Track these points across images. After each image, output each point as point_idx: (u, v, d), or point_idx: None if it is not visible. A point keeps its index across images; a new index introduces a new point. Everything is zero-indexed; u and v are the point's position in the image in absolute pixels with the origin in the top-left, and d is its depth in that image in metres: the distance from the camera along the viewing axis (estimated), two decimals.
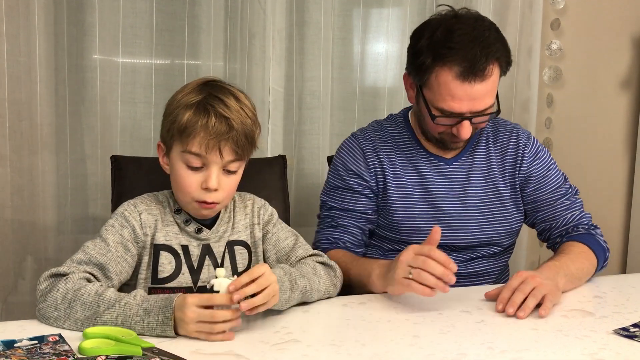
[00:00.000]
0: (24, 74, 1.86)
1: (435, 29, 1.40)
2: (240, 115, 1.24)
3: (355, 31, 2.31)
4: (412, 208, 1.53)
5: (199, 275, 1.31)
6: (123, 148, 2.02)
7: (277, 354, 1.06)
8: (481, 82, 1.37)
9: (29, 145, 1.90)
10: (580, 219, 1.55)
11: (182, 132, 1.22)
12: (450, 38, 1.37)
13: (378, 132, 1.58)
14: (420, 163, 1.54)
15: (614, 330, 1.19)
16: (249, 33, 2.07)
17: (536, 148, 1.59)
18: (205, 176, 1.24)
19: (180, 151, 1.24)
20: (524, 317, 1.24)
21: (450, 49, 1.36)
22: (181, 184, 1.26)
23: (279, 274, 1.20)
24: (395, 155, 1.54)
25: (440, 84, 1.38)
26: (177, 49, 2.08)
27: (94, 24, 1.95)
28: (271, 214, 1.42)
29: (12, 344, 1.00)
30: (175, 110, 1.25)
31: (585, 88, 2.64)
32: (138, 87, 2.05)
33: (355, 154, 1.55)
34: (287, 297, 1.21)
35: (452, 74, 1.36)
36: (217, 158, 1.23)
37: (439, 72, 1.38)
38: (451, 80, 1.37)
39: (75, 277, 1.14)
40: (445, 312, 1.28)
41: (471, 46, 1.35)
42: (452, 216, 1.53)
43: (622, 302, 1.38)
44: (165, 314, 1.07)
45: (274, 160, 1.74)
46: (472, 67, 1.35)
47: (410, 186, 1.53)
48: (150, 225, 1.29)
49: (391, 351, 1.08)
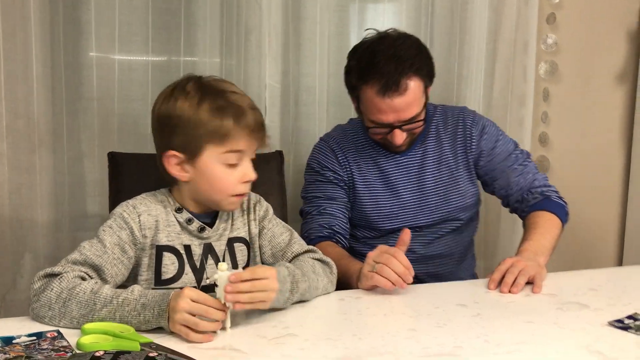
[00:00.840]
0: (21, 72, 1.86)
1: (361, 51, 1.59)
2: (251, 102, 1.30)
3: (352, 26, 2.31)
4: (377, 199, 1.69)
5: (202, 274, 1.31)
6: (120, 145, 2.02)
7: (275, 348, 1.07)
8: (399, 96, 1.52)
9: (26, 143, 1.89)
10: (533, 182, 1.70)
11: (223, 136, 1.24)
12: (371, 59, 1.54)
13: (342, 135, 1.75)
14: (378, 159, 1.70)
15: (608, 322, 1.20)
16: (245, 29, 2.07)
17: (482, 125, 1.73)
18: (242, 170, 1.27)
19: (219, 153, 1.25)
20: (517, 293, 1.37)
21: (370, 69, 1.53)
22: (220, 184, 1.27)
23: (283, 273, 1.21)
24: (357, 155, 1.70)
25: (367, 100, 1.56)
26: (174, 46, 2.08)
27: (90, 21, 1.95)
28: (266, 210, 1.42)
29: (10, 340, 1.00)
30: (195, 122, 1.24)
31: (581, 82, 2.65)
32: (135, 85, 2.05)
33: (327, 153, 1.71)
34: (286, 298, 1.22)
35: (373, 91, 1.53)
36: (254, 148, 1.29)
37: (364, 89, 1.55)
38: (374, 97, 1.53)
39: (70, 275, 1.14)
40: (441, 306, 1.29)
41: (387, 64, 1.51)
42: (411, 201, 1.70)
43: (617, 294, 1.39)
44: (160, 306, 1.08)
45: (271, 156, 1.74)
46: (387, 83, 1.51)
47: (373, 181, 1.69)
48: (150, 227, 1.28)
49: (388, 344, 1.09)
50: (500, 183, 1.72)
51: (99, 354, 0.93)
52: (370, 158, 1.70)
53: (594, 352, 1.07)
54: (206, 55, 2.09)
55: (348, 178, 1.69)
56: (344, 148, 1.72)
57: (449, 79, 2.38)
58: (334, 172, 1.69)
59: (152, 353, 0.95)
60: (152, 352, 0.95)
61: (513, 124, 2.47)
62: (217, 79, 1.32)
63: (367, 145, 1.71)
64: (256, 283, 1.12)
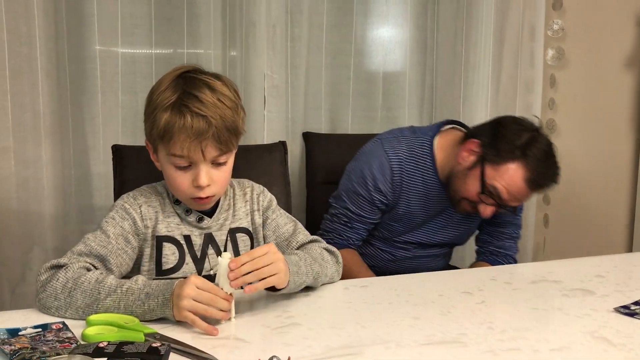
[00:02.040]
0: (25, 65, 1.87)
1: (536, 143, 1.60)
2: (217, 109, 1.20)
3: (353, 16, 2.29)
4: (411, 221, 1.77)
5: (202, 264, 1.31)
6: (125, 138, 2.03)
7: (279, 337, 1.07)
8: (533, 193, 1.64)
9: (32, 137, 1.91)
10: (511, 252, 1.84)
11: (162, 136, 1.20)
12: (544, 156, 1.60)
13: (407, 155, 1.72)
14: (429, 187, 1.72)
15: (614, 308, 1.20)
16: (247, 21, 2.07)
17: None
18: (194, 174, 1.22)
19: (165, 154, 1.23)
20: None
21: (538, 162, 1.58)
22: (173, 184, 1.26)
23: (294, 260, 1.21)
24: (412, 179, 1.72)
25: (510, 177, 1.57)
26: (177, 38, 2.08)
27: (93, 14, 1.96)
28: (270, 200, 1.41)
29: (16, 332, 1.01)
30: (154, 112, 1.22)
31: (589, 68, 2.62)
32: (138, 77, 2.05)
33: (385, 174, 1.70)
34: (302, 281, 1.22)
35: (524, 176, 1.57)
36: (201, 157, 1.21)
37: (517, 167, 1.57)
38: (521, 182, 1.57)
39: (75, 266, 1.15)
40: (446, 294, 1.29)
41: (553, 169, 1.62)
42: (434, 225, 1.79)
43: (623, 280, 1.38)
44: (164, 295, 1.08)
45: (275, 147, 1.74)
46: (538, 183, 1.60)
47: (415, 205, 1.74)
48: (151, 218, 1.29)
49: (392, 332, 1.09)
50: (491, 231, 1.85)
51: (102, 344, 0.93)
52: (422, 184, 1.72)
53: (599, 338, 1.07)
54: (210, 47, 2.09)
55: (393, 201, 1.73)
56: (403, 169, 1.71)
57: (455, 64, 2.37)
58: (384, 195, 1.71)
59: (155, 343, 0.95)
60: (155, 342, 0.96)
61: (520, 110, 2.45)
62: (210, 78, 1.24)
63: (427, 172, 1.72)
64: (257, 260, 1.10)
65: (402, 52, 2.37)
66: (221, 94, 1.22)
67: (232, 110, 1.23)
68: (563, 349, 1.03)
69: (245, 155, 1.68)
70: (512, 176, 1.56)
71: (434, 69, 2.41)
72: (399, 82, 2.38)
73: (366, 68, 2.35)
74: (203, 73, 1.26)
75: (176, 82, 1.22)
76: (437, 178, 1.71)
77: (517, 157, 1.56)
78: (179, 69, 1.26)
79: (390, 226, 1.78)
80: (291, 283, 1.18)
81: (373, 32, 2.36)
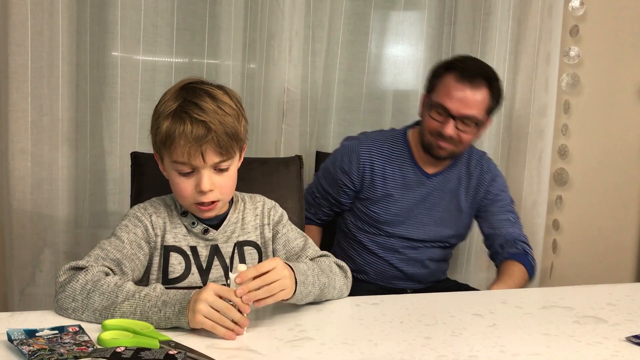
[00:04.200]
0: (47, 70, 1.90)
1: (453, 57, 1.90)
2: (217, 115, 1.22)
3: (369, 34, 2.32)
4: (390, 205, 1.88)
5: (207, 275, 1.33)
6: (142, 145, 2.04)
7: (291, 350, 1.07)
8: (471, 90, 1.73)
9: (49, 140, 1.93)
10: (519, 237, 1.90)
11: (164, 143, 1.23)
12: (462, 58, 1.85)
13: (379, 143, 1.90)
14: (407, 172, 1.89)
15: (626, 337, 1.20)
16: (267, 34, 2.09)
17: (494, 174, 1.95)
18: (197, 179, 1.25)
19: (169, 161, 1.26)
20: None
21: (458, 62, 1.79)
22: (178, 191, 1.28)
23: (302, 268, 1.22)
24: (387, 165, 1.88)
25: (443, 85, 1.76)
26: (197, 48, 2.10)
27: (116, 22, 1.98)
28: (281, 215, 1.43)
29: (34, 333, 1.02)
30: (157, 121, 1.25)
31: (603, 95, 2.63)
32: (157, 85, 2.08)
33: (352, 158, 1.87)
34: (308, 291, 1.23)
35: (452, 77, 1.75)
36: (202, 162, 1.23)
37: (445, 76, 1.77)
38: (451, 82, 1.74)
39: (95, 269, 1.16)
40: (457, 315, 1.29)
41: (473, 64, 1.80)
42: (418, 216, 1.90)
43: (635, 309, 1.38)
44: (181, 304, 1.09)
45: (290, 161, 1.75)
46: (466, 74, 1.74)
47: (392, 188, 1.87)
48: (160, 227, 1.32)
49: (404, 351, 1.09)
50: (492, 224, 1.93)
51: (120, 349, 0.94)
52: (399, 169, 1.88)
53: None
54: (229, 58, 2.11)
55: (360, 185, 1.88)
56: (373, 156, 1.87)
57: None
58: (347, 177, 1.87)
59: (172, 351, 0.96)
60: (172, 350, 0.97)
61: (533, 135, 2.46)
62: (213, 89, 1.27)
63: (401, 157, 1.89)
64: (265, 277, 1.12)
65: (415, 72, 2.40)
66: (222, 102, 1.25)
67: (232, 117, 1.25)
68: None
69: (262, 167, 1.70)
70: (444, 84, 1.75)
71: None
72: (410, 102, 2.40)
73: (378, 86, 2.37)
74: (206, 84, 1.29)
75: (179, 93, 1.26)
76: (414, 164, 1.88)
77: (442, 72, 1.78)
78: (183, 81, 1.29)
79: (372, 212, 1.88)
80: (297, 293, 1.19)
81: (387, 50, 2.38)
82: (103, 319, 1.10)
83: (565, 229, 2.66)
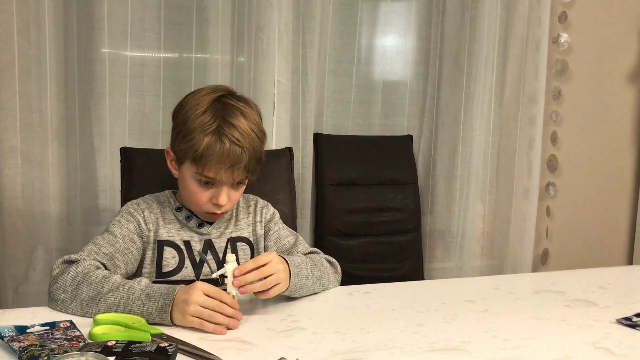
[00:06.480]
0: (34, 67, 1.88)
1: None
2: (251, 140, 1.28)
3: (358, 24, 2.32)
4: None
5: (201, 269, 1.35)
6: (132, 140, 2.04)
7: (284, 340, 1.08)
8: None
9: (39, 138, 1.92)
10: None
11: (198, 158, 1.26)
12: None
13: None
14: None
15: (616, 319, 1.20)
16: (256, 26, 2.08)
17: None
18: (215, 193, 1.29)
19: (193, 172, 1.28)
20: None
21: None
22: (192, 198, 1.31)
23: (296, 261, 1.25)
24: None
25: None
26: (185, 42, 2.09)
27: (103, 17, 1.97)
28: (273, 214, 1.46)
29: (24, 329, 1.02)
30: (191, 133, 1.26)
31: (593, 81, 2.64)
32: (147, 80, 2.07)
33: None
34: (302, 283, 1.25)
35: None
36: (230, 180, 1.28)
37: None
38: None
39: (86, 262, 1.18)
40: (449, 302, 1.30)
41: None
42: None
43: (625, 292, 1.39)
44: (165, 300, 1.10)
45: (281, 153, 1.75)
46: None
47: None
48: (153, 222, 1.34)
49: (395, 339, 1.09)
50: None
51: (110, 343, 0.94)
52: None
53: (601, 349, 1.07)
54: (218, 52, 2.10)
55: None
56: None
57: (458, 76, 2.38)
58: None
59: (163, 343, 0.96)
60: (163, 343, 0.97)
61: (524, 122, 2.47)
62: (243, 106, 1.31)
63: None
64: (263, 269, 1.15)
65: (404, 62, 2.39)
66: (252, 121, 1.30)
67: (260, 140, 1.31)
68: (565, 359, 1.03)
69: None
70: None
71: (436, 80, 2.43)
72: (399, 92, 2.40)
73: (368, 76, 2.37)
74: (234, 97, 1.33)
75: (214, 107, 1.28)
76: None
77: None
78: (214, 92, 1.32)
79: None
80: (292, 285, 1.22)
81: (377, 40, 2.38)
82: (89, 309, 1.12)
83: (557, 215, 2.68)
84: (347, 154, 2.31)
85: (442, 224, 2.47)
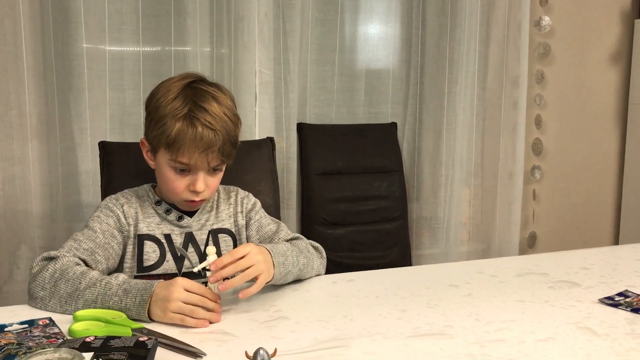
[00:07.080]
0: (11, 63, 1.86)
1: None
2: (224, 123, 1.26)
3: (343, 13, 2.30)
4: None
5: (182, 262, 1.34)
6: (112, 135, 2.02)
7: (266, 331, 1.07)
8: None
9: (18, 134, 1.90)
10: None
11: (170, 144, 1.25)
12: None
13: None
14: None
15: (599, 299, 1.21)
16: (235, 16, 2.06)
17: None
18: (192, 179, 1.28)
19: (168, 159, 1.27)
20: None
21: None
22: (169, 186, 1.30)
23: (281, 249, 1.24)
24: None
25: None
26: (164, 35, 2.07)
27: (79, 10, 1.94)
28: (254, 203, 1.45)
29: (2, 328, 1.01)
30: (163, 119, 1.25)
31: (575, 64, 2.64)
32: (126, 74, 2.05)
33: None
34: (288, 271, 1.24)
35: None
36: (205, 165, 1.27)
37: None
38: None
39: (65, 259, 1.16)
40: (433, 287, 1.30)
41: None
42: None
43: (608, 272, 1.40)
44: (142, 296, 1.08)
45: (263, 143, 1.74)
46: None
47: None
48: (133, 216, 1.33)
49: (379, 325, 1.09)
50: None
51: (89, 339, 0.93)
52: None
53: (583, 328, 1.08)
54: (197, 44, 2.08)
55: None
56: None
57: (440, 61, 2.38)
58: None
59: (142, 337, 0.95)
60: (142, 337, 0.96)
61: (507, 106, 2.47)
62: (215, 90, 1.30)
63: None
64: (240, 263, 1.12)
65: (387, 49, 2.38)
66: (224, 105, 1.29)
67: (234, 123, 1.30)
68: (548, 340, 1.03)
69: None
70: None
71: (419, 66, 2.42)
72: (382, 79, 2.39)
73: (350, 64, 2.36)
74: (206, 83, 1.32)
75: (184, 92, 1.27)
76: None
77: None
78: (185, 77, 1.31)
79: None
80: (277, 274, 1.21)
81: (359, 28, 2.37)
82: (68, 307, 1.10)
83: (543, 198, 2.68)
84: (332, 143, 2.30)
85: (428, 210, 2.47)
